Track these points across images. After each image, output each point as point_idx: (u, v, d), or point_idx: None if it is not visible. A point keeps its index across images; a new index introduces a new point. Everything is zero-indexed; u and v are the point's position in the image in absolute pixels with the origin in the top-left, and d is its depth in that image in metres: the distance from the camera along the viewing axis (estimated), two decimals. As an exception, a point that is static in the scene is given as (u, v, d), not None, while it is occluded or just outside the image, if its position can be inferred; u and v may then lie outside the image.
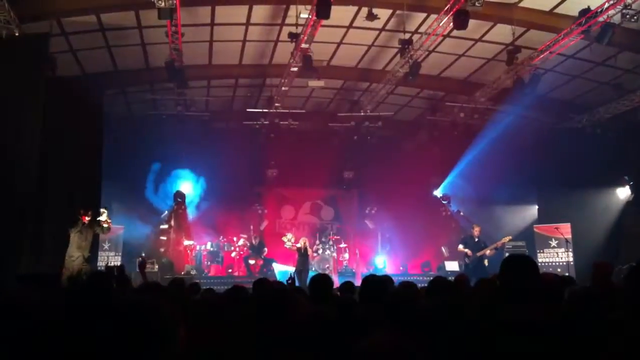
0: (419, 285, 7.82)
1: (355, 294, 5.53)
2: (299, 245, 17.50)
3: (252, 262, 19.90)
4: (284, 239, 19.02)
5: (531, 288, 3.46)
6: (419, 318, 3.64)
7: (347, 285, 6.77)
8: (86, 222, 12.59)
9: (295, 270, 16.16)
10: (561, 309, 4.54)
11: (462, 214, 22.25)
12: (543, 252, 18.76)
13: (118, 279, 6.88)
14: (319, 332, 3.51)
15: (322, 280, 5.76)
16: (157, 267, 18.12)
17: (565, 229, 18.16)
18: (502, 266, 3.65)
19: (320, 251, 19.97)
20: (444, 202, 22.37)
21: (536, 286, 3.51)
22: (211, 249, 19.96)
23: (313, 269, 18.14)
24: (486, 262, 15.82)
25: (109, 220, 13.41)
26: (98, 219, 13.03)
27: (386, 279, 6.06)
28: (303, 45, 14.33)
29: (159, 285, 6.07)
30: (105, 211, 13.42)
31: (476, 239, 15.91)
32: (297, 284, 6.99)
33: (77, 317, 3.08)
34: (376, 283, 5.20)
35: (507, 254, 18.41)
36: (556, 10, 14.16)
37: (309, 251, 17.76)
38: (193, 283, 7.08)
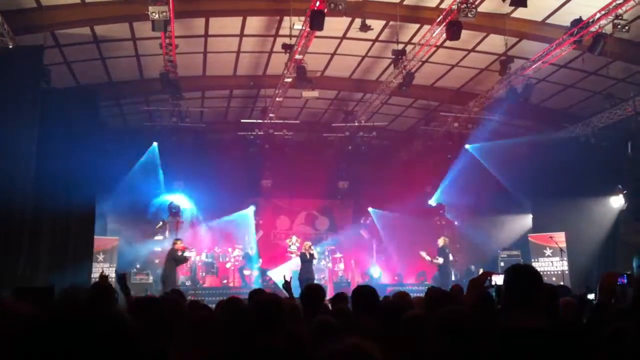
0: (414, 295, 7.83)
1: (348, 304, 5.53)
2: (302, 250, 17.09)
3: (247, 272, 19.87)
4: (288, 241, 18.83)
5: (535, 296, 3.48)
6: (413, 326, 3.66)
7: (340, 296, 6.73)
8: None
9: (298, 279, 15.89)
10: (558, 317, 4.56)
11: (456, 223, 22.30)
12: (538, 261, 18.75)
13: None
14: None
15: (314, 290, 5.75)
16: (151, 278, 18.07)
17: (560, 238, 18.20)
18: (507, 275, 3.66)
19: (315, 261, 19.93)
20: (440, 212, 22.43)
21: (540, 294, 3.53)
22: (206, 260, 19.89)
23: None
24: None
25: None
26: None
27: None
28: (297, 56, 14.39)
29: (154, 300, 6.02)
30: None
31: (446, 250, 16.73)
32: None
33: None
34: (368, 293, 5.21)
35: (502, 264, 18.62)
36: (548, 21, 14.25)
37: (316, 256, 17.20)
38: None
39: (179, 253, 15.60)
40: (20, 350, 1.98)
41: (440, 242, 17.19)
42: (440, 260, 17.00)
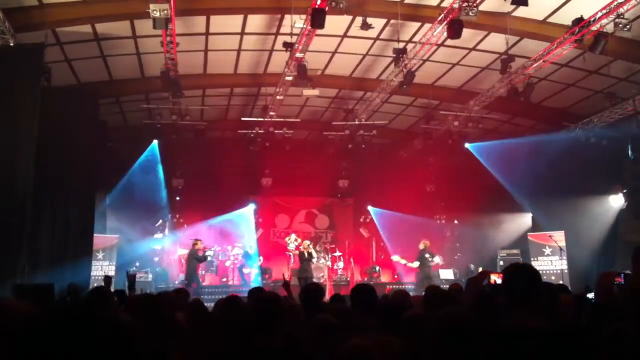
0: (413, 293, 7.83)
1: (345, 304, 5.53)
2: (301, 248, 17.13)
3: (246, 270, 19.88)
4: (287, 239, 18.84)
5: (534, 296, 3.48)
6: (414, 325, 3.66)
7: (337, 298, 6.73)
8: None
9: (298, 278, 16.01)
10: (558, 316, 4.56)
11: (455, 222, 22.30)
12: (537, 260, 18.79)
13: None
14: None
15: (313, 289, 5.76)
16: (151, 276, 18.09)
17: (559, 237, 18.22)
18: (505, 274, 3.66)
19: (314, 260, 19.91)
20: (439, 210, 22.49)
21: (539, 294, 3.53)
22: (206, 258, 19.89)
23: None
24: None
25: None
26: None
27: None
28: (298, 55, 14.38)
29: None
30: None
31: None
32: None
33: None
34: (367, 292, 5.21)
35: (501, 263, 18.63)
36: (549, 20, 14.24)
37: (314, 255, 17.19)
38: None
39: (200, 253, 16.36)
40: (20, 350, 1.98)
41: (421, 245, 17.02)
42: (416, 264, 16.86)
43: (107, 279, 8.09)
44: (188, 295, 7.03)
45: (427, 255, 16.67)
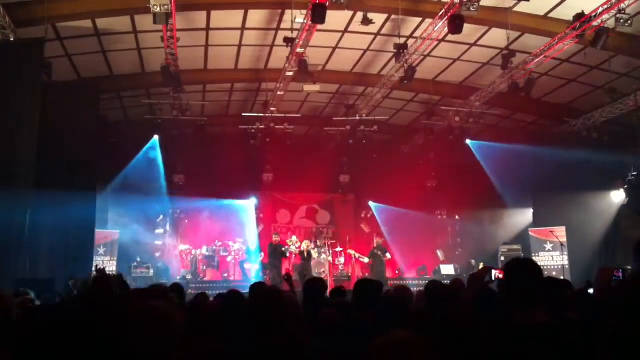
0: (415, 289, 7.82)
1: (346, 298, 5.52)
2: (302, 249, 17.53)
3: (247, 266, 19.88)
4: (289, 242, 19.09)
5: (536, 291, 3.46)
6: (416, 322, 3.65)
7: (338, 290, 6.72)
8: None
9: (298, 273, 16.28)
10: (563, 312, 4.55)
11: (457, 217, 22.28)
12: (538, 256, 18.78)
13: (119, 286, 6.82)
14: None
15: (315, 283, 5.75)
16: (152, 271, 18.08)
17: (560, 233, 18.21)
18: (506, 269, 3.64)
19: (316, 255, 19.92)
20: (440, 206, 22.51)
21: (541, 289, 3.51)
22: (207, 254, 19.90)
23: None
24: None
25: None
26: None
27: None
28: (298, 50, 14.36)
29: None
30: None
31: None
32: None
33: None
34: (370, 287, 5.20)
35: (502, 258, 18.61)
36: (551, 15, 14.22)
37: (313, 254, 17.90)
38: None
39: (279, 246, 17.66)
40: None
41: (374, 242, 18.91)
42: (366, 259, 18.67)
43: (100, 271, 7.93)
44: (183, 290, 6.94)
45: (379, 252, 18.01)
